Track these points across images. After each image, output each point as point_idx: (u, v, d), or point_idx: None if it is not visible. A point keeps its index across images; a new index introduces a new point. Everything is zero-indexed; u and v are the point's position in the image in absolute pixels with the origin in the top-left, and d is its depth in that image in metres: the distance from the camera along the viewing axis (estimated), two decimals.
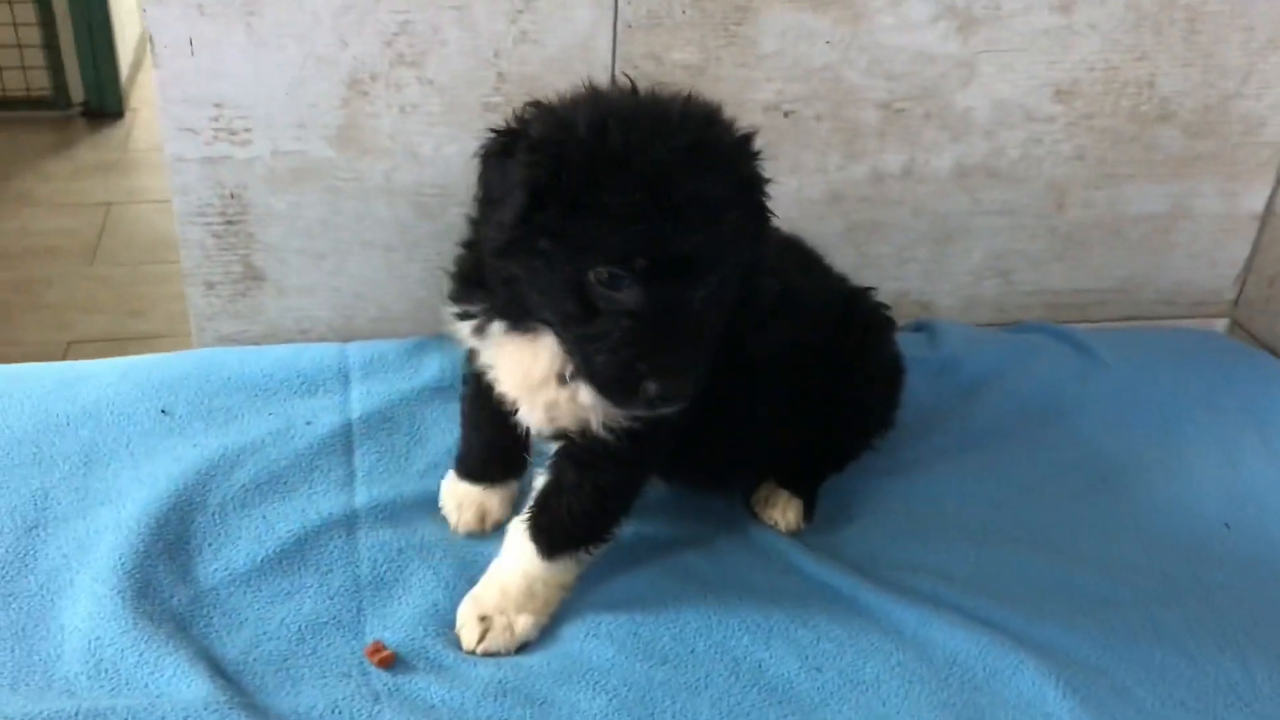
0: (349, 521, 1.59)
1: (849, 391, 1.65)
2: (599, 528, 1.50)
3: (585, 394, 1.38)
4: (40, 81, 4.17)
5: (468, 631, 1.45)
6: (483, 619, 1.45)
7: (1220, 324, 2.27)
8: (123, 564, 1.45)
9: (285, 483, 1.63)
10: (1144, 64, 1.98)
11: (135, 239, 3.64)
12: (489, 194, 1.33)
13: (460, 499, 1.61)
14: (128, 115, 4.32)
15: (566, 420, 1.43)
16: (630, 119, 1.27)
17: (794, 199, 1.96)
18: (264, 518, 1.57)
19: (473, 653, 1.43)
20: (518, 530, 1.49)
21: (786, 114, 1.92)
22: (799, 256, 1.68)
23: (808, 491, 1.68)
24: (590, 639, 1.45)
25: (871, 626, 1.49)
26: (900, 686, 1.41)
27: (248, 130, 1.78)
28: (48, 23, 4.05)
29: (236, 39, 1.71)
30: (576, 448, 1.44)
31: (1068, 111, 2.00)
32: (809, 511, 1.67)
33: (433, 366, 1.86)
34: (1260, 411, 1.95)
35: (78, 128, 4.23)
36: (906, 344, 1.85)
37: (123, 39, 4.29)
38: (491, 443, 1.61)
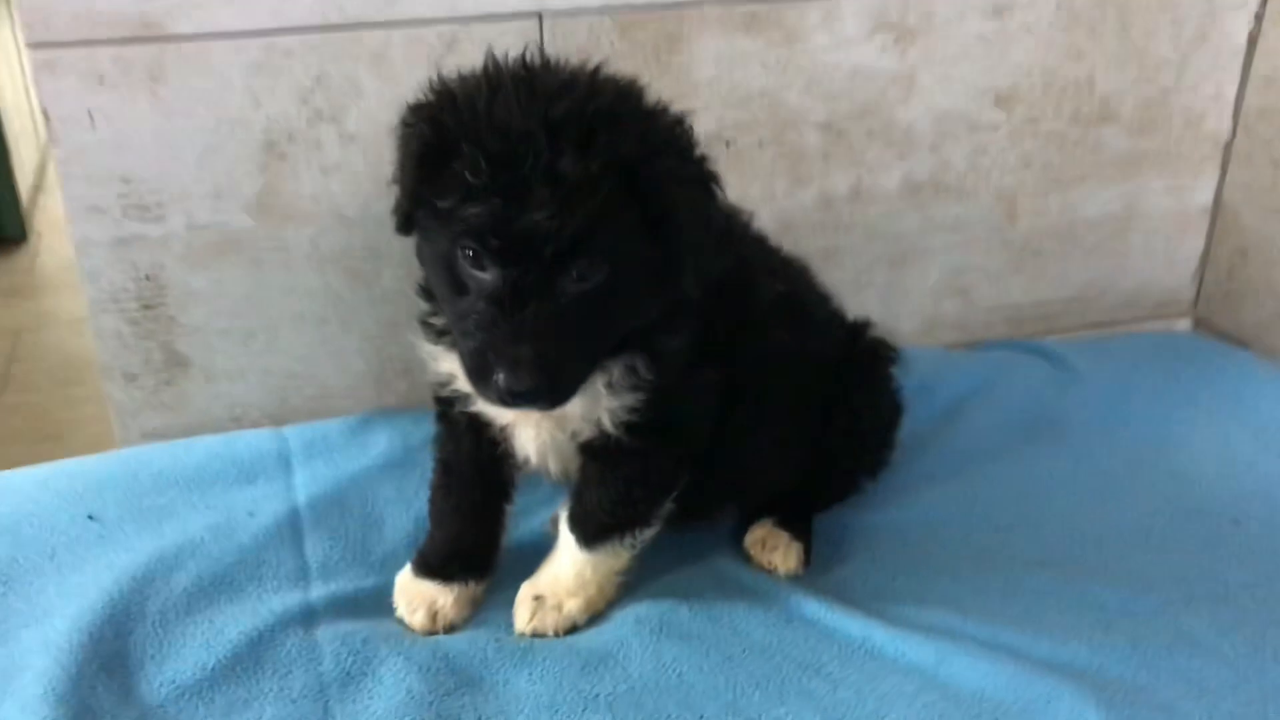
0: (306, 617, 1.44)
1: (850, 425, 1.57)
2: (633, 516, 1.44)
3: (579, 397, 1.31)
4: None
5: (521, 610, 1.45)
6: (537, 598, 1.46)
7: (1183, 324, 2.23)
8: (54, 689, 1.27)
9: (231, 582, 1.47)
10: (1081, 64, 1.95)
11: (48, 363, 3.46)
12: (395, 170, 1.31)
13: (411, 596, 1.47)
14: (32, 239, 4.12)
15: (565, 430, 1.39)
16: (505, 89, 1.21)
17: None
18: (210, 622, 1.41)
19: (523, 633, 1.44)
20: (563, 521, 1.47)
21: (728, 143, 1.84)
22: (805, 277, 1.61)
23: (806, 532, 1.57)
24: (588, 713, 1.31)
25: (888, 669, 1.37)
26: None
27: (160, 205, 1.65)
28: None
29: (141, 108, 1.59)
30: (596, 445, 1.39)
31: (1010, 118, 1.96)
32: (807, 553, 1.56)
33: (381, 443, 1.73)
34: (1243, 404, 1.91)
35: None
36: None
37: (19, 162, 4.09)
38: (457, 538, 1.49)
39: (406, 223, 1.30)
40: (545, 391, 1.22)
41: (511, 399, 1.22)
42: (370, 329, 1.80)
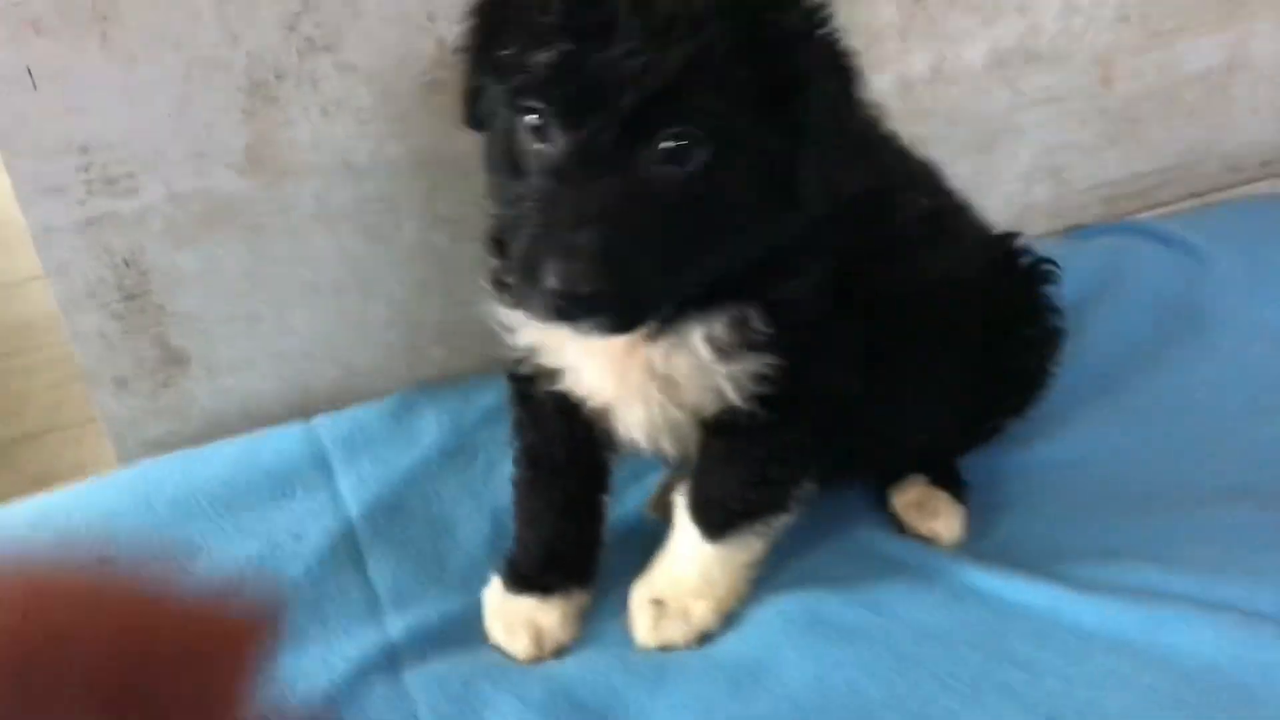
0: (388, 659, 1.19)
1: (1009, 360, 1.32)
2: (769, 500, 1.19)
3: (687, 359, 1.07)
4: None
5: (640, 618, 1.21)
6: (656, 603, 1.21)
7: None
8: None
9: (291, 627, 1.22)
10: None
11: None
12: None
13: (508, 618, 1.22)
14: None
15: (683, 406, 1.12)
16: None
17: None
18: (276, 680, 1.17)
19: (646, 646, 1.19)
20: (681, 508, 1.20)
21: None
22: (940, 182, 1.32)
23: (964, 490, 1.34)
24: None
25: (1092, 646, 1.14)
26: (1160, 716, 1.09)
27: (130, 175, 1.35)
28: None
29: (92, 57, 1.28)
30: (722, 421, 1.12)
31: None
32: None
33: (430, 427, 1.47)
34: None
35: None
36: None
37: None
38: (554, 539, 1.24)
39: (472, 102, 1.04)
40: (608, 302, 0.92)
41: (562, 307, 0.91)
42: (396, 293, 1.53)
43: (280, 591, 1.25)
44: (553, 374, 1.15)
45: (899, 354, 1.18)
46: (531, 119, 0.94)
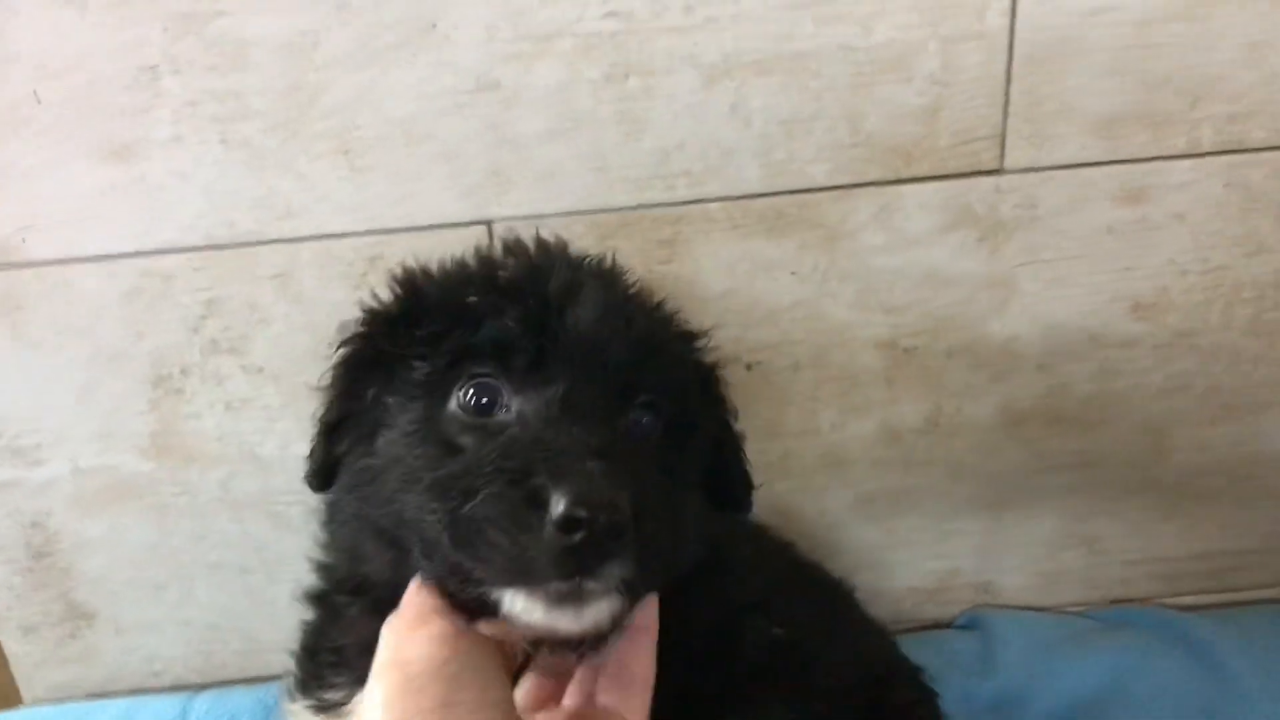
0: None
1: None
2: None
3: None
4: None
5: None
6: None
7: None
8: None
9: None
10: (1262, 258, 1.39)
11: None
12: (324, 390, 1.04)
13: None
14: None
15: None
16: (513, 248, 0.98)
17: (778, 468, 1.45)
18: None
19: None
20: None
21: (749, 366, 1.41)
22: (815, 593, 1.19)
23: None
24: None
25: None
26: None
27: (38, 448, 1.38)
28: None
29: (1, 343, 1.32)
30: None
31: (1155, 331, 1.42)
32: None
33: None
34: None
35: None
36: (950, 657, 1.32)
37: None
38: None
39: (328, 439, 1.02)
40: (628, 546, 0.72)
41: (574, 547, 0.70)
42: (304, 577, 1.48)
43: None
44: None
45: None
46: (474, 395, 0.86)
